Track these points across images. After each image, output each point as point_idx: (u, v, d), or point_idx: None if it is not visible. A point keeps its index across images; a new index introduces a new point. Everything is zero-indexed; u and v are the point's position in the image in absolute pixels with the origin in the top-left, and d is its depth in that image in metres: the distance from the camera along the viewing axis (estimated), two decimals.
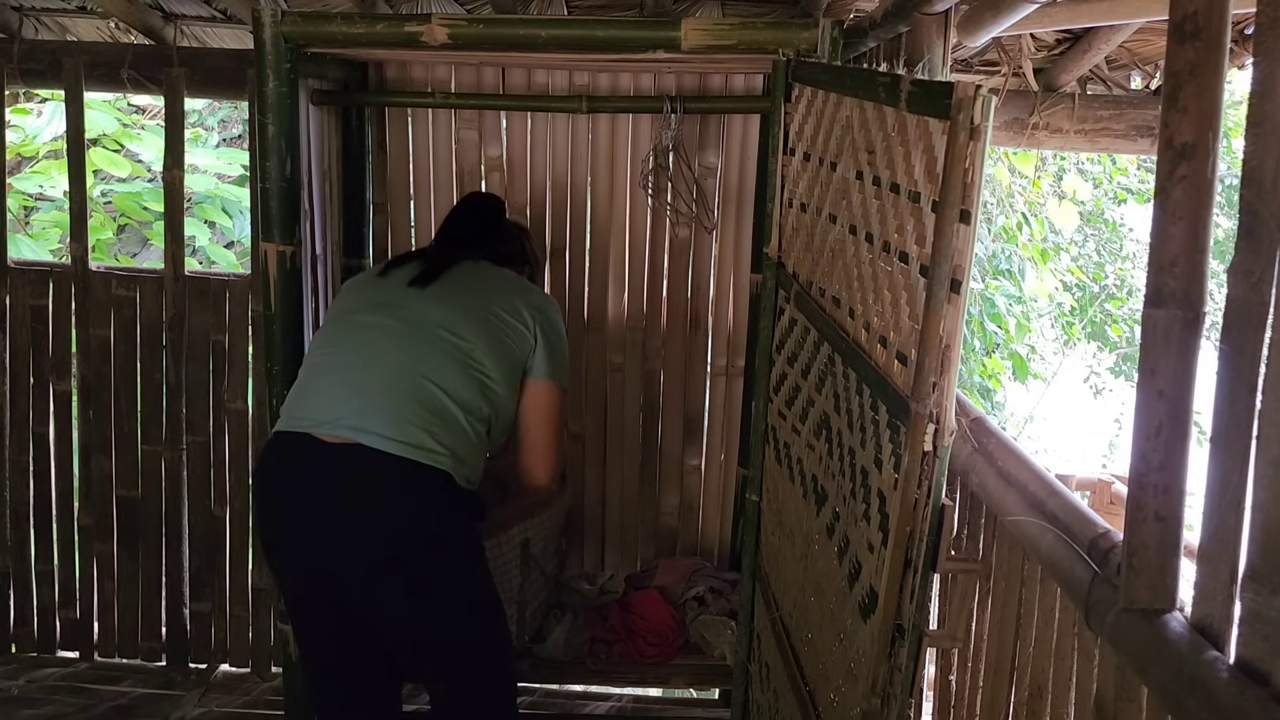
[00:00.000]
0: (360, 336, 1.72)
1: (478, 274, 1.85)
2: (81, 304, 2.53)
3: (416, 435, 1.58)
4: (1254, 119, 0.75)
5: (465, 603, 1.66)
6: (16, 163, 4.21)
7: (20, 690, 2.50)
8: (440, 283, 1.78)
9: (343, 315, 1.80)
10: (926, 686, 1.69)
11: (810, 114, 1.59)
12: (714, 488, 2.57)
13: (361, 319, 1.75)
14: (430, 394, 1.63)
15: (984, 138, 0.97)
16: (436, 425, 1.61)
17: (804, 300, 1.59)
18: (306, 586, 1.66)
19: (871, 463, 1.22)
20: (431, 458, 1.58)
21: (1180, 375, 0.86)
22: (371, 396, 1.61)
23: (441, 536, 1.62)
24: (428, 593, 1.62)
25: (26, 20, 2.53)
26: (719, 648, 2.26)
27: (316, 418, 1.61)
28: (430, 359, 1.67)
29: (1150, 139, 2.30)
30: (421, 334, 1.70)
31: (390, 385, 1.63)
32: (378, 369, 1.65)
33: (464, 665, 1.69)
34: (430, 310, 1.73)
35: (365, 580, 1.60)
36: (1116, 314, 7.26)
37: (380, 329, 1.71)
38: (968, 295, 1.03)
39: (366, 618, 1.65)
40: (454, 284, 1.80)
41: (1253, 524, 0.75)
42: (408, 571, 1.60)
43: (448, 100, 2.29)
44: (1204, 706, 0.77)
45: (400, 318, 1.72)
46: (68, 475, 2.64)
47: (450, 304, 1.75)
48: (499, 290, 1.83)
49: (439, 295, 1.77)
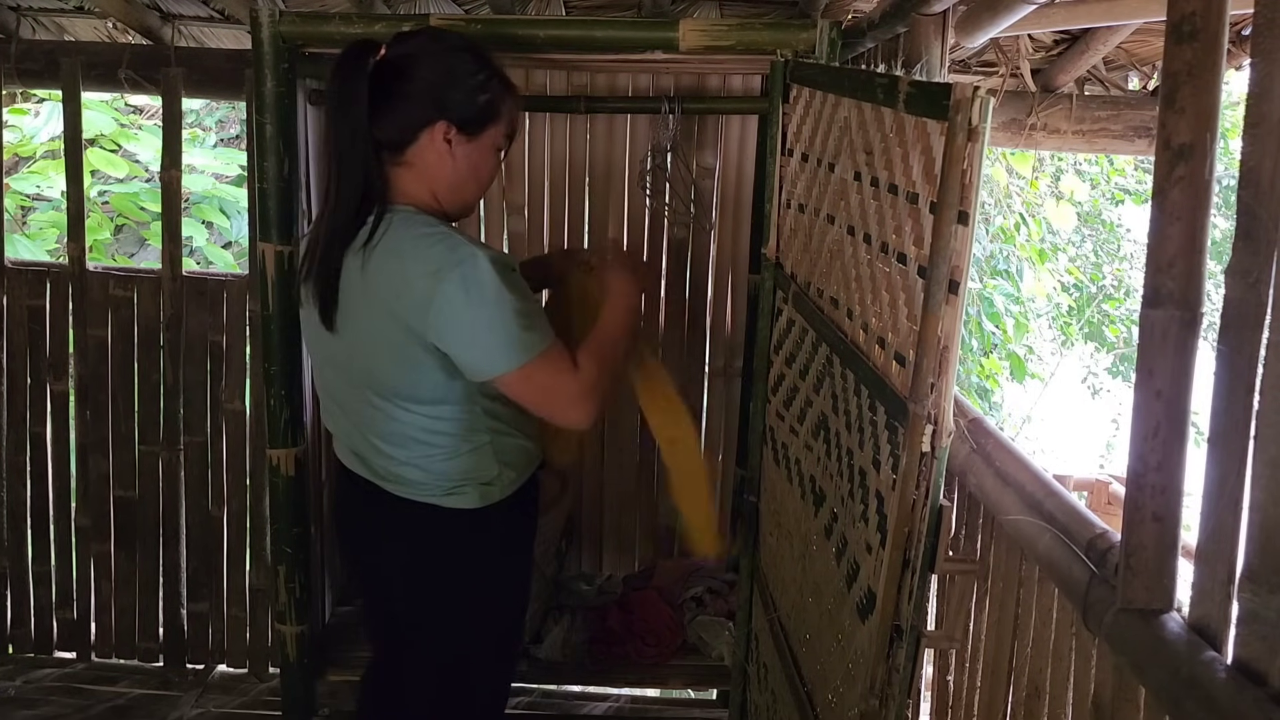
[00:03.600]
0: (327, 397, 1.63)
1: (361, 290, 1.46)
2: (79, 304, 2.53)
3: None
4: (1251, 120, 0.75)
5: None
6: (14, 163, 4.20)
7: (17, 691, 2.50)
8: (339, 315, 1.50)
9: (312, 358, 1.68)
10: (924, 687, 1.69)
11: (808, 115, 1.59)
12: (712, 488, 2.57)
13: (323, 373, 1.63)
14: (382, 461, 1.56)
15: (982, 138, 0.97)
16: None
17: (802, 301, 1.59)
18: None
19: (869, 463, 1.22)
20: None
21: (1178, 376, 0.86)
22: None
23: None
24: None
25: (24, 20, 2.53)
26: (717, 648, 2.26)
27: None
28: (371, 422, 1.54)
29: (1148, 140, 2.30)
30: (355, 394, 1.55)
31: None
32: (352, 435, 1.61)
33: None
34: (347, 362, 1.54)
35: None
36: (1114, 314, 7.27)
37: (330, 389, 1.61)
38: (966, 296, 1.02)
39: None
40: (346, 315, 1.49)
41: (1250, 524, 0.76)
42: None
43: None
44: (1201, 707, 0.77)
45: (339, 375, 1.57)
46: (65, 476, 2.63)
47: (354, 351, 1.51)
48: (376, 314, 1.45)
49: (345, 340, 1.51)
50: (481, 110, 1.49)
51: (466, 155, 1.50)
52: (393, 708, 1.76)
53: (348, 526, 1.72)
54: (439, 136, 1.47)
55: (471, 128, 1.49)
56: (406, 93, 1.45)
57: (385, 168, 1.48)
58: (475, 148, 1.51)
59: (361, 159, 1.44)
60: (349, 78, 1.44)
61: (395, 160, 1.49)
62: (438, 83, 1.46)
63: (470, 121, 1.49)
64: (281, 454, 1.96)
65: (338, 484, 1.72)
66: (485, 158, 1.54)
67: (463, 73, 1.48)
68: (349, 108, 1.44)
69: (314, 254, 1.51)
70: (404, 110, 1.46)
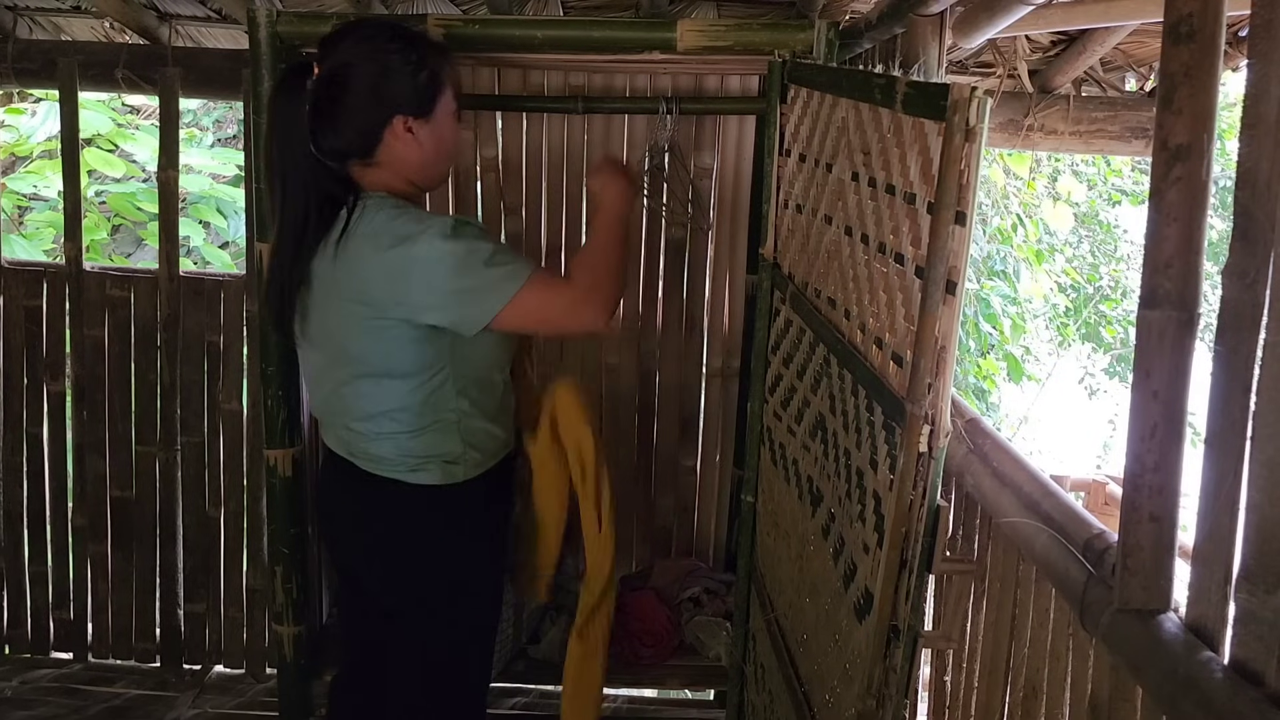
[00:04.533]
0: (311, 381, 1.69)
1: (332, 277, 1.51)
2: (76, 304, 2.53)
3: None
4: (1248, 121, 0.75)
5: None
6: (11, 162, 4.20)
7: (14, 692, 2.50)
8: (308, 315, 1.56)
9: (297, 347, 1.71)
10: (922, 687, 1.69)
11: (806, 115, 1.59)
12: (709, 489, 2.57)
13: (306, 359, 1.68)
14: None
15: (979, 139, 0.97)
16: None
17: (799, 301, 1.59)
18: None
19: (867, 464, 1.22)
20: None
21: (1175, 376, 0.86)
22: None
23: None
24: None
25: (21, 19, 2.52)
26: (714, 649, 2.26)
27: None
28: (347, 399, 1.58)
29: (1145, 140, 2.30)
30: (332, 374, 1.60)
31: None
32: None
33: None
34: (325, 346, 1.58)
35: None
36: (1111, 315, 7.29)
37: (313, 372, 1.65)
38: (963, 296, 1.03)
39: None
40: (317, 308, 1.55)
41: (1247, 525, 0.76)
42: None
43: None
44: (1199, 707, 0.77)
45: (319, 357, 1.60)
46: (61, 476, 2.63)
47: (330, 336, 1.56)
48: (352, 295, 1.49)
49: (320, 330, 1.57)
50: (427, 88, 1.53)
51: (430, 134, 1.55)
52: (371, 709, 1.77)
53: (326, 508, 1.75)
54: (400, 130, 1.52)
55: (425, 109, 1.53)
56: (352, 103, 1.49)
57: (354, 172, 1.53)
58: (435, 125, 1.55)
59: (308, 175, 1.50)
60: (288, 100, 1.50)
61: (367, 163, 1.53)
62: (379, 83, 1.49)
63: (422, 104, 1.53)
64: (279, 454, 1.96)
65: (322, 470, 1.75)
66: (446, 128, 1.58)
67: (397, 63, 1.50)
68: (291, 130, 1.49)
69: (271, 272, 1.57)
70: (358, 119, 1.50)
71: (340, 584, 1.87)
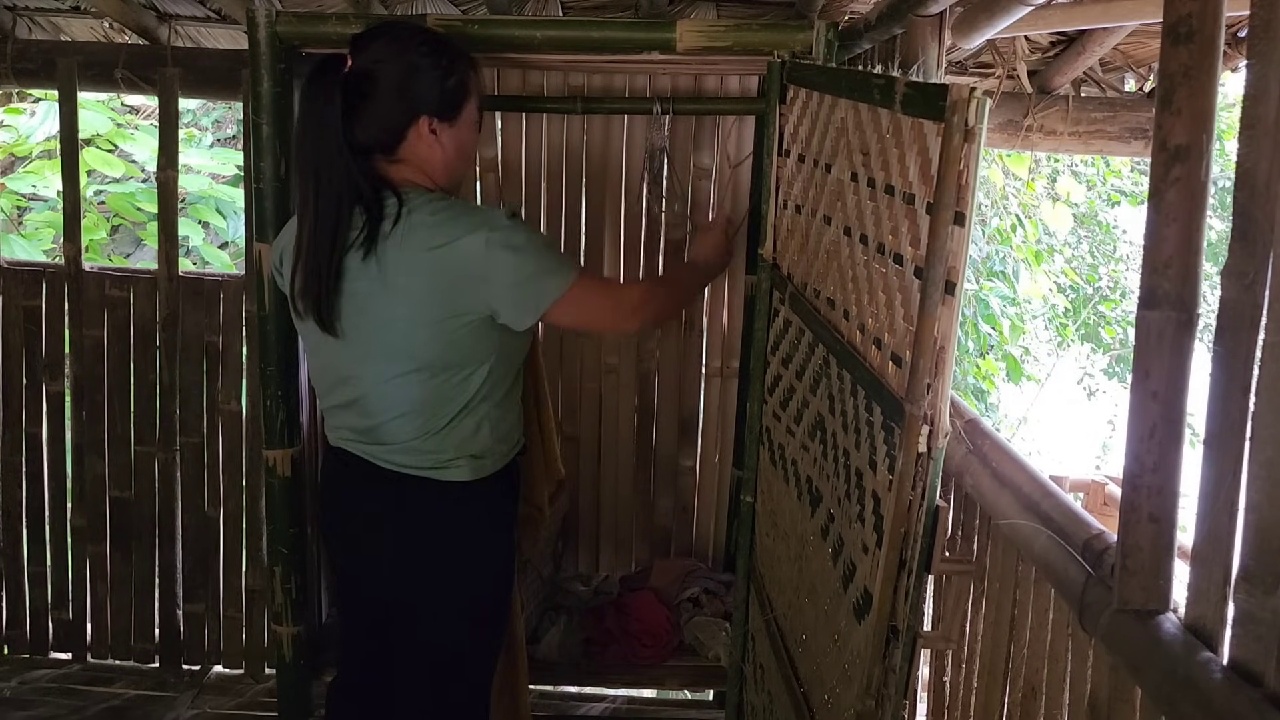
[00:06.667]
0: (332, 380, 1.67)
1: (379, 277, 1.51)
2: (75, 304, 2.53)
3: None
4: (1247, 122, 0.75)
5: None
6: (10, 163, 4.20)
7: (13, 692, 2.50)
8: (345, 317, 1.54)
9: (311, 347, 1.70)
10: (921, 688, 1.70)
11: (805, 116, 1.60)
12: (708, 489, 2.57)
13: (322, 357, 1.65)
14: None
15: (978, 140, 0.97)
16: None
17: (798, 302, 1.59)
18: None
19: (866, 464, 1.22)
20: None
21: (1174, 377, 0.86)
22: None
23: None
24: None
25: (20, 20, 2.52)
26: (713, 649, 2.26)
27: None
28: (382, 398, 1.58)
29: (1144, 141, 2.30)
30: (367, 373, 1.60)
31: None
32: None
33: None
34: (362, 345, 1.57)
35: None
36: (1110, 316, 7.29)
37: (338, 371, 1.63)
38: (962, 297, 1.03)
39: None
40: (358, 308, 1.54)
41: (1246, 525, 0.76)
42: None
43: None
44: (1197, 708, 0.77)
45: (349, 357, 1.58)
46: (60, 476, 2.63)
47: (371, 336, 1.55)
48: (401, 294, 1.51)
49: (359, 330, 1.55)
50: (454, 94, 1.59)
51: (452, 138, 1.60)
52: (373, 714, 1.76)
53: (339, 509, 1.72)
54: (424, 130, 1.56)
55: (450, 113, 1.59)
56: (382, 99, 1.53)
57: (378, 166, 1.56)
58: (458, 129, 1.61)
59: (343, 170, 1.50)
60: (320, 94, 1.52)
61: (390, 159, 1.57)
62: (408, 83, 1.54)
63: (448, 108, 1.58)
64: (278, 454, 1.95)
65: (329, 470, 1.73)
66: (468, 134, 1.64)
67: (427, 66, 1.55)
68: (326, 123, 1.51)
69: (306, 267, 1.54)
70: (385, 115, 1.54)
71: (341, 586, 1.85)
